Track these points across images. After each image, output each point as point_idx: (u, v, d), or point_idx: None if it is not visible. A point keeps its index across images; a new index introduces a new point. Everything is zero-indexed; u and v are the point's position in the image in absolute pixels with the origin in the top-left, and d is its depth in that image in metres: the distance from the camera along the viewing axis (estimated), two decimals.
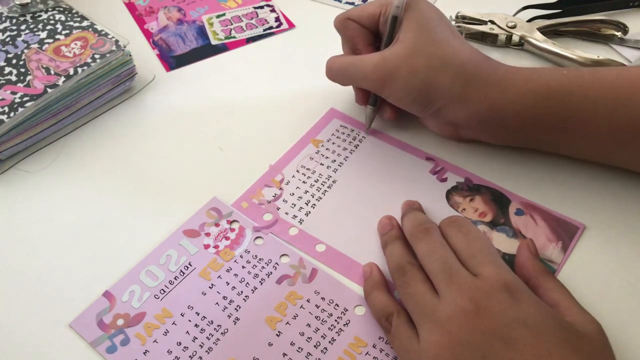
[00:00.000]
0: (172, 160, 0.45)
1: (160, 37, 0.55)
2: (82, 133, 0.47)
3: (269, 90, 0.50)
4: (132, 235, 0.40)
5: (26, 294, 0.37)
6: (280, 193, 0.42)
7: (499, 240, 0.39)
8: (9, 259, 0.39)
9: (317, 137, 0.46)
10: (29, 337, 0.35)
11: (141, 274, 0.38)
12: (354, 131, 0.46)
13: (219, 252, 0.39)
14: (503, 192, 0.42)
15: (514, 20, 0.52)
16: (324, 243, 0.39)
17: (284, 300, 0.37)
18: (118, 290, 0.37)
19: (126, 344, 0.35)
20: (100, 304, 0.36)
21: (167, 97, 0.50)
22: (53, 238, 0.40)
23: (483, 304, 0.31)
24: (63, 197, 0.42)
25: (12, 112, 0.43)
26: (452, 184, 0.42)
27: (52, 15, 0.51)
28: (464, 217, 0.37)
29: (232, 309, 0.36)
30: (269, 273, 0.38)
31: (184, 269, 0.38)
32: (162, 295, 0.37)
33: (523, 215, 0.40)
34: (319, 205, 0.42)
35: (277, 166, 0.44)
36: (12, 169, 0.44)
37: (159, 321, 0.36)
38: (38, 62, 0.46)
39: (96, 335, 0.35)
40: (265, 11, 0.58)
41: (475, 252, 0.34)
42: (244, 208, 0.41)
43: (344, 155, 0.45)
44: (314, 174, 0.43)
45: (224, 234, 0.40)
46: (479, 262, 0.33)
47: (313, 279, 0.38)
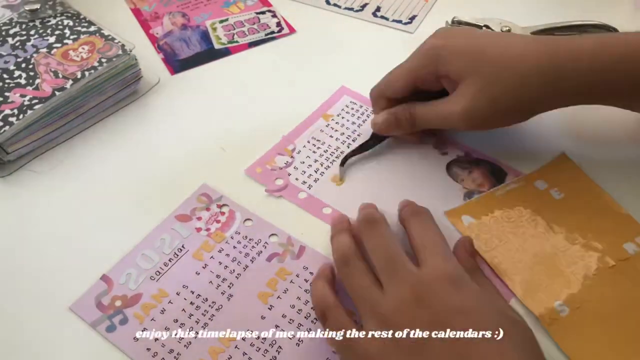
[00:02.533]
0: (176, 160, 0.46)
1: (165, 41, 0.57)
2: (89, 134, 0.48)
3: (270, 91, 0.51)
4: (129, 225, 0.41)
5: (29, 283, 0.39)
6: (291, 161, 0.45)
7: None
8: (16, 253, 0.40)
9: (328, 112, 0.49)
10: (31, 320, 0.37)
11: (137, 257, 0.40)
12: (362, 107, 0.49)
13: (210, 235, 0.41)
14: (500, 165, 0.45)
15: (509, 25, 0.53)
16: (330, 206, 0.42)
17: (274, 276, 0.38)
18: (115, 273, 0.39)
19: (125, 323, 0.36)
20: (98, 287, 0.38)
21: (171, 100, 0.51)
22: (58, 233, 0.41)
23: (424, 295, 0.32)
24: (70, 196, 0.44)
25: (22, 115, 0.44)
26: (452, 157, 0.45)
27: (60, 20, 0.52)
28: (427, 210, 0.39)
29: (226, 287, 0.38)
30: (259, 252, 0.40)
31: (177, 251, 0.40)
32: (157, 276, 0.39)
33: None
34: (327, 174, 0.45)
35: (289, 137, 0.47)
36: (21, 169, 0.46)
37: (155, 301, 0.37)
38: (47, 66, 0.48)
39: (96, 316, 0.37)
40: (267, 16, 0.59)
41: (427, 243, 0.35)
42: (258, 173, 0.44)
43: (352, 129, 0.48)
44: (323, 145, 0.47)
45: (215, 218, 0.42)
46: (429, 252, 0.34)
47: (301, 256, 0.40)
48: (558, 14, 0.56)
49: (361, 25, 0.58)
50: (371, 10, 0.60)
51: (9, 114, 0.44)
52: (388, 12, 0.59)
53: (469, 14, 0.55)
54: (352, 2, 0.61)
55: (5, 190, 0.44)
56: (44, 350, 0.36)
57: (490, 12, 0.56)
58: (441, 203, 0.42)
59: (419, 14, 0.59)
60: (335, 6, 0.60)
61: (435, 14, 0.59)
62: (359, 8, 0.60)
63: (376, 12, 0.59)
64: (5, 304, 0.38)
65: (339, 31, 0.57)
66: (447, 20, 0.55)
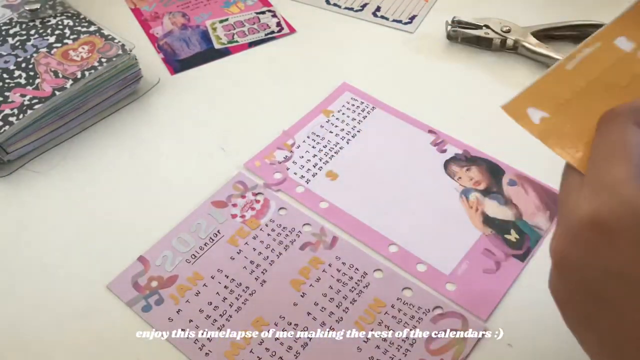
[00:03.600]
0: (175, 159, 0.46)
1: (165, 41, 0.57)
2: (89, 134, 0.48)
3: (269, 91, 0.51)
4: (133, 229, 0.41)
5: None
6: (290, 155, 0.46)
7: (491, 206, 0.42)
8: (18, 251, 0.40)
9: (329, 107, 0.49)
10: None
11: (173, 240, 0.41)
12: (363, 103, 0.50)
13: (245, 221, 0.42)
14: (498, 164, 0.45)
15: (509, 25, 0.54)
16: (327, 201, 0.43)
17: (307, 264, 0.39)
18: (152, 255, 0.40)
19: (160, 303, 0.37)
20: (135, 267, 0.39)
21: (171, 99, 0.51)
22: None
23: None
24: (70, 196, 0.44)
25: (22, 114, 0.44)
26: (450, 155, 0.45)
27: (60, 20, 0.52)
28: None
29: (259, 272, 0.39)
30: (293, 240, 0.41)
31: (213, 236, 0.41)
32: (193, 259, 0.40)
33: (515, 186, 0.44)
34: (325, 169, 0.45)
35: (289, 132, 0.48)
36: (21, 169, 0.46)
37: (190, 283, 0.38)
38: (47, 66, 0.48)
39: (132, 295, 0.38)
40: (267, 16, 0.59)
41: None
42: (257, 167, 0.45)
43: (352, 125, 0.48)
44: (322, 140, 0.47)
45: (250, 205, 0.42)
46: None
47: (334, 246, 0.40)
48: (558, 14, 0.56)
49: (361, 25, 0.58)
50: (371, 10, 0.60)
51: (9, 114, 0.44)
52: (388, 12, 0.59)
53: (469, 14, 0.55)
54: (352, 2, 0.61)
55: (5, 190, 0.44)
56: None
57: (490, 12, 0.56)
58: (435, 200, 0.43)
59: (419, 14, 0.59)
60: (335, 6, 0.60)
61: (436, 14, 0.59)
62: (359, 8, 0.60)
63: (376, 12, 0.59)
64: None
65: (339, 31, 0.57)
66: (447, 20, 0.55)
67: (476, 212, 0.42)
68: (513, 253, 0.40)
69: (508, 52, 0.54)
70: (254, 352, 0.35)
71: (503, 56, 0.54)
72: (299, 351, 0.35)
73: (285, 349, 0.35)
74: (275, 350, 0.35)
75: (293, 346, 0.36)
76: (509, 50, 0.54)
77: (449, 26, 0.55)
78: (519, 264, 0.39)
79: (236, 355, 0.35)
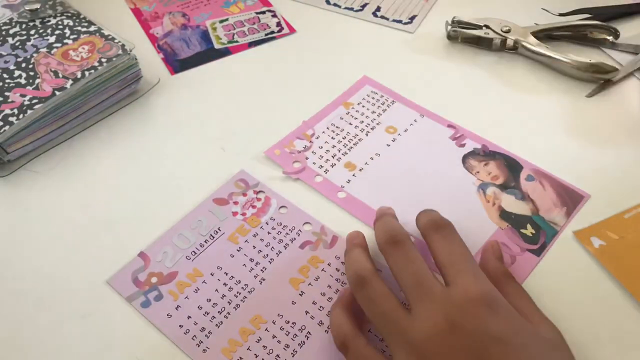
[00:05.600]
0: (176, 159, 0.46)
1: (165, 41, 0.57)
2: (89, 134, 0.48)
3: (269, 92, 0.51)
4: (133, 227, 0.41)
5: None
6: (310, 145, 0.47)
7: (508, 201, 0.43)
8: (18, 249, 0.41)
9: (349, 100, 0.50)
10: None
11: (174, 237, 0.41)
12: (383, 97, 0.50)
13: (246, 219, 0.42)
14: (517, 159, 0.45)
15: (509, 25, 0.54)
16: (344, 191, 0.43)
17: (307, 263, 0.39)
18: (152, 251, 0.40)
19: (159, 299, 0.37)
20: (135, 263, 0.39)
21: (171, 99, 0.51)
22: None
23: (457, 320, 0.29)
24: (69, 196, 0.44)
25: (22, 114, 0.44)
26: (469, 150, 0.46)
27: (60, 20, 0.52)
28: (448, 222, 0.36)
29: (259, 270, 0.39)
30: (293, 239, 0.41)
31: (213, 233, 0.41)
32: (193, 256, 0.40)
33: (533, 181, 0.44)
34: (343, 159, 0.46)
35: (309, 122, 0.48)
36: (21, 169, 0.46)
37: (190, 280, 0.38)
38: (47, 66, 0.48)
39: (132, 291, 0.38)
40: (267, 16, 0.59)
41: (455, 259, 0.33)
42: (277, 155, 0.46)
43: (371, 118, 0.49)
44: (342, 132, 0.48)
45: (251, 203, 0.43)
46: (458, 270, 0.32)
47: (334, 245, 0.40)
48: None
49: (361, 25, 0.58)
50: (371, 10, 0.60)
51: (9, 114, 0.44)
52: (388, 12, 0.59)
53: (469, 14, 0.55)
54: (352, 2, 0.61)
55: (5, 190, 0.44)
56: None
57: (490, 12, 0.56)
58: (453, 193, 0.43)
59: (419, 14, 0.59)
60: (335, 6, 0.60)
61: (435, 14, 0.59)
62: (359, 8, 0.60)
63: (376, 12, 0.59)
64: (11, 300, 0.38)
65: (339, 31, 0.57)
66: (447, 20, 0.55)
67: (493, 207, 0.42)
68: (528, 247, 0.40)
69: (508, 52, 0.54)
70: (252, 350, 0.35)
71: (503, 56, 0.54)
72: (296, 349, 0.35)
73: (282, 347, 0.35)
74: (273, 348, 0.35)
75: (290, 344, 0.36)
76: (509, 50, 0.54)
77: (449, 26, 0.55)
78: (534, 258, 0.39)
79: (233, 353, 0.35)
